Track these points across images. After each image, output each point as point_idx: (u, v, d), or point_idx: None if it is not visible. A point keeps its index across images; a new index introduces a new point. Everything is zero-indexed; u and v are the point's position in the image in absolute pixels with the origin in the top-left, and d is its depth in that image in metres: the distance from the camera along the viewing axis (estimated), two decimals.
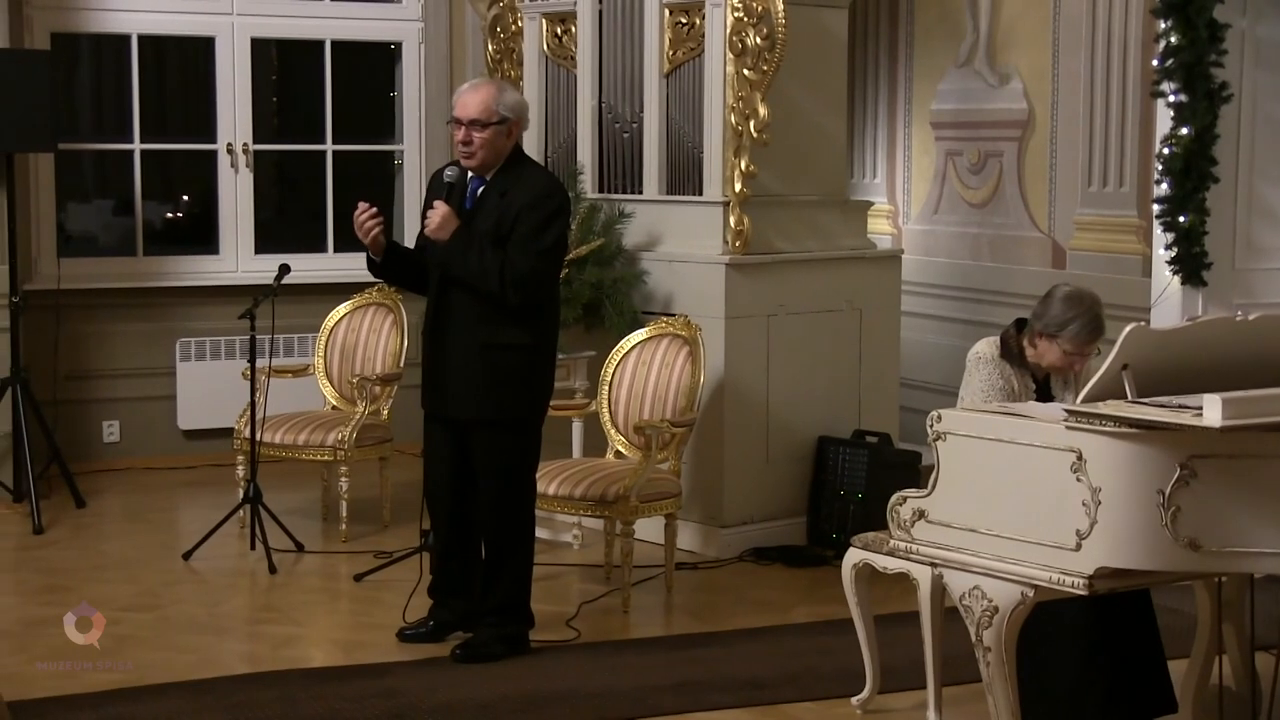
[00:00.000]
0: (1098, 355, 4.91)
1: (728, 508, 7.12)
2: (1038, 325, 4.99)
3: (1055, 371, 5.04)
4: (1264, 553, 4.03)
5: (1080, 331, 4.93)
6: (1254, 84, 6.89)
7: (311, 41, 9.28)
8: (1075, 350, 4.94)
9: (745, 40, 7.02)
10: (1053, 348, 4.96)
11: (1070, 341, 4.93)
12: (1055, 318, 4.95)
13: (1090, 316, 4.95)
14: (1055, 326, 4.94)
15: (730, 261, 7.06)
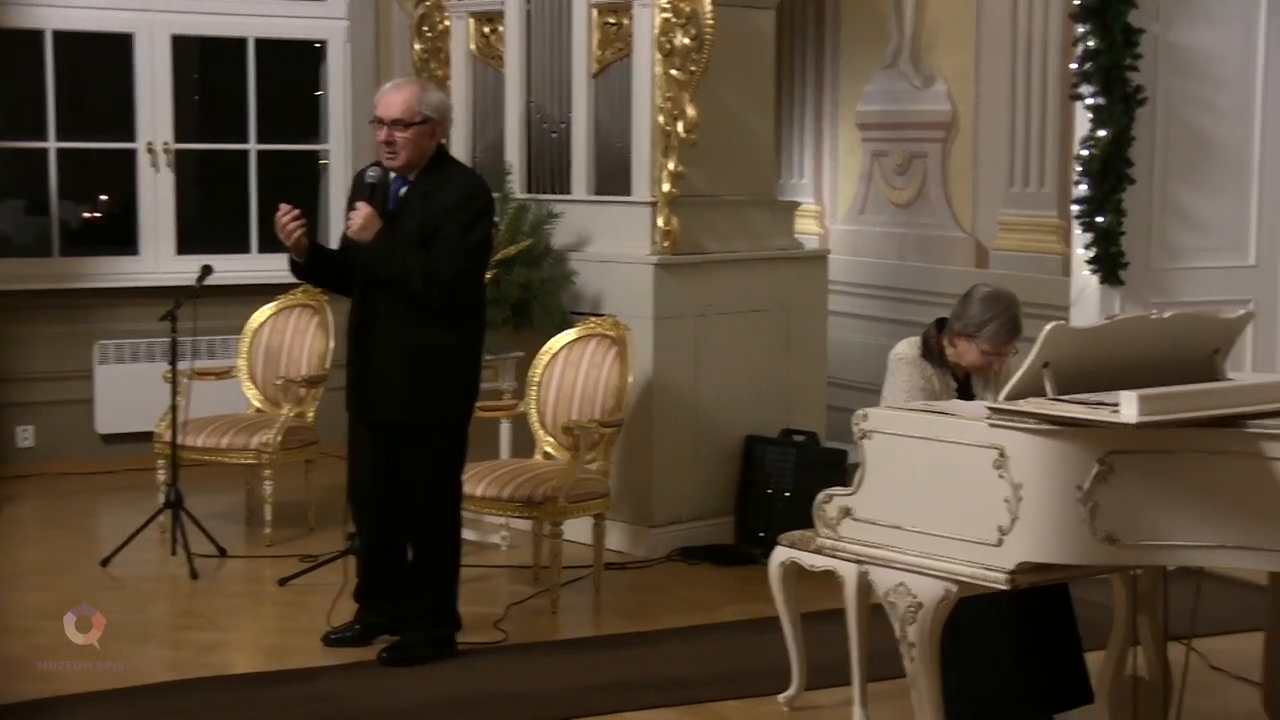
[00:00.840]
0: (1016, 354, 4.97)
1: (656, 507, 7.14)
2: (957, 325, 5.04)
3: (974, 371, 5.09)
4: (1178, 545, 4.09)
5: (998, 332, 4.98)
6: (1168, 88, 6.98)
7: (234, 39, 9.22)
8: (993, 350, 5.00)
9: (673, 41, 7.05)
10: (971, 347, 5.02)
11: (988, 341, 4.99)
12: (974, 318, 5.00)
13: (1008, 317, 5.00)
14: (974, 326, 5.00)
15: (658, 262, 7.08)
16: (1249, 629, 5.45)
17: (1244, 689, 5.26)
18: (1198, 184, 7.08)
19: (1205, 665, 5.36)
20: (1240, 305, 5.78)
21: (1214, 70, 7.04)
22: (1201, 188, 7.09)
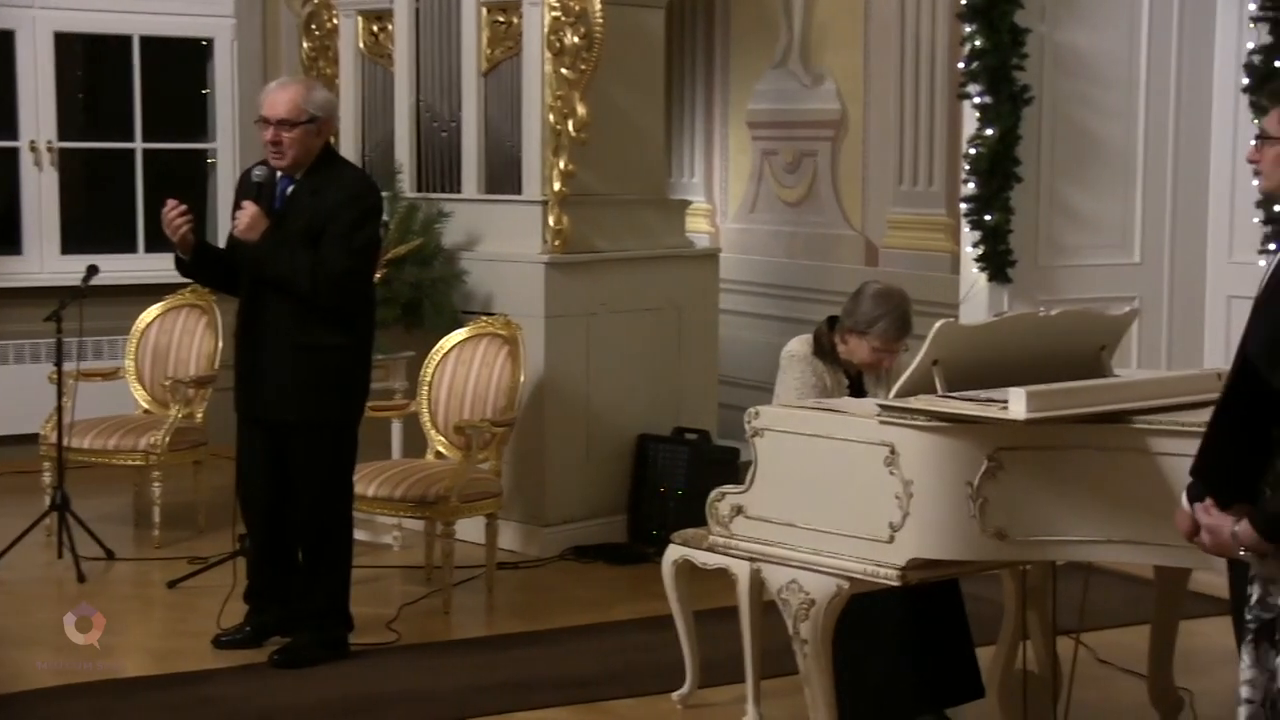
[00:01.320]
0: (906, 351, 5.01)
1: (549, 507, 7.13)
2: (848, 322, 5.08)
3: (865, 368, 5.12)
4: (1067, 541, 4.14)
5: (889, 328, 5.02)
6: (1054, 87, 7.07)
7: (119, 37, 9.08)
8: (884, 347, 5.04)
9: (563, 39, 7.04)
10: (862, 344, 5.05)
11: (879, 338, 5.02)
12: (865, 315, 5.04)
13: (898, 314, 5.05)
14: (865, 323, 5.03)
15: (550, 261, 7.07)
16: (1136, 622, 5.53)
17: (1131, 681, 5.33)
18: (1084, 182, 7.18)
19: (1093, 659, 5.43)
20: (1125, 302, 5.87)
21: (1098, 70, 7.14)
22: (1087, 186, 7.19)
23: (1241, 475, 3.02)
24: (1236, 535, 2.98)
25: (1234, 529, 2.99)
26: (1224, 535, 3.01)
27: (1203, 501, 3.10)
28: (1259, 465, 3.02)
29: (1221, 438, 3.01)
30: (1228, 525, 3.00)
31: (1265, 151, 3.56)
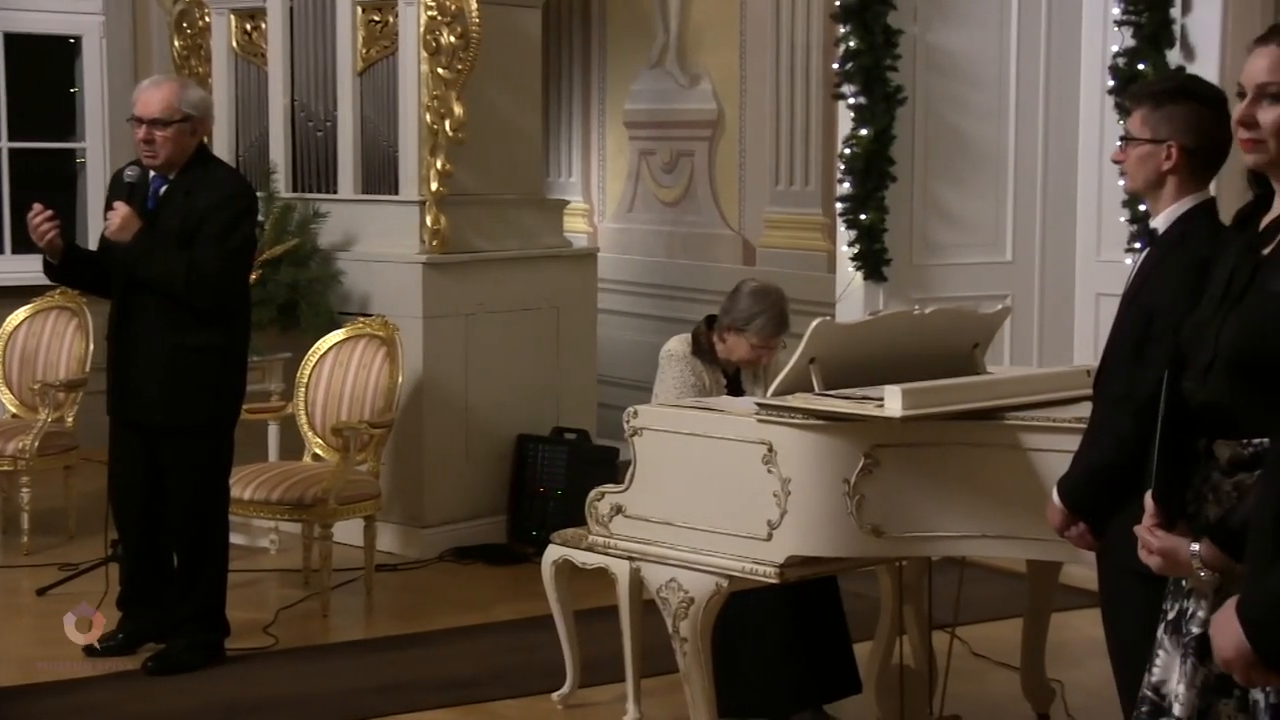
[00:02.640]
0: (784, 348, 5.05)
1: (428, 508, 7.10)
2: (726, 320, 5.12)
3: (744, 365, 5.16)
4: (942, 536, 4.19)
5: (766, 325, 5.07)
6: (927, 88, 7.16)
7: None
8: (762, 344, 5.08)
9: (439, 39, 7.01)
10: (741, 341, 5.09)
11: (757, 335, 5.07)
12: (742, 312, 5.08)
13: (776, 311, 5.10)
14: (743, 321, 5.07)
15: (427, 261, 7.04)
16: (1009, 616, 5.61)
17: (1005, 674, 5.41)
18: (956, 182, 7.27)
19: (968, 652, 5.50)
20: (998, 300, 5.96)
21: (970, 71, 7.24)
22: (960, 185, 7.28)
23: (1180, 491, 3.00)
24: (1199, 555, 2.92)
25: (1193, 549, 2.93)
26: (1181, 556, 2.94)
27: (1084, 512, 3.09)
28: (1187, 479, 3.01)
29: (1166, 454, 2.96)
30: (1184, 546, 2.94)
31: (1129, 152, 3.62)
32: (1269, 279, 2.89)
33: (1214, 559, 2.88)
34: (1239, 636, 2.30)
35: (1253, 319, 2.88)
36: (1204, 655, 2.95)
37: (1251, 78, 2.90)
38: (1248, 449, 2.90)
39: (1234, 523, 2.89)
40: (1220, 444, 2.93)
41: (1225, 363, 2.91)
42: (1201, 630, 2.96)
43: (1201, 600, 2.97)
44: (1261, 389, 2.87)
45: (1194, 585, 2.97)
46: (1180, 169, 3.51)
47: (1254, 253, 2.96)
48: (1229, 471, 2.92)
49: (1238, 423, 2.91)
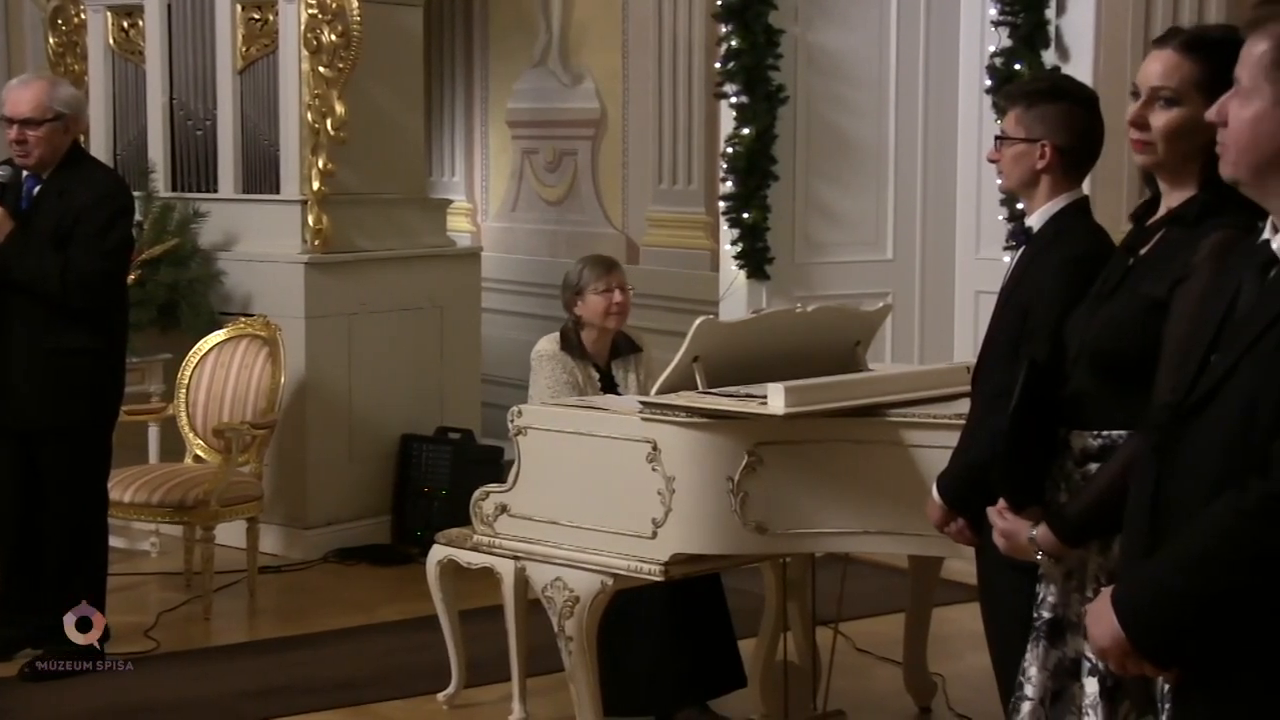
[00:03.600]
0: (633, 290, 5.27)
1: (311, 509, 7.05)
2: (568, 295, 5.26)
3: (611, 321, 5.21)
4: (825, 533, 4.23)
5: (594, 267, 5.25)
6: (808, 87, 7.21)
7: None
8: (605, 285, 5.21)
9: (320, 37, 6.97)
10: (589, 299, 5.19)
11: (594, 280, 5.21)
12: (573, 276, 5.28)
13: (597, 256, 5.41)
14: (576, 279, 5.25)
15: (310, 260, 6.99)
16: (892, 611, 5.67)
17: (888, 669, 5.47)
18: (838, 180, 7.33)
19: (851, 648, 5.56)
20: (879, 298, 6.00)
21: (850, 70, 7.30)
22: (841, 184, 7.34)
23: (1032, 477, 3.08)
24: (1035, 540, 3.02)
25: (1032, 534, 3.03)
26: (1021, 539, 3.04)
27: (965, 507, 3.15)
28: (1047, 467, 3.08)
29: (1013, 439, 3.06)
30: (1025, 530, 3.03)
31: (1004, 151, 3.68)
32: (1140, 279, 2.96)
33: (1049, 544, 2.99)
34: (1114, 626, 2.36)
35: (1118, 317, 2.97)
36: (1055, 639, 3.04)
37: (1146, 80, 2.97)
38: (1098, 440, 2.99)
39: (1071, 511, 2.98)
40: (1075, 434, 3.02)
41: (1088, 357, 3.00)
42: (1051, 615, 3.05)
43: (1051, 585, 3.06)
44: (1118, 384, 2.96)
45: (1044, 571, 3.06)
46: (1054, 168, 3.57)
47: (1131, 252, 3.03)
48: (1080, 462, 3.02)
49: (1092, 415, 3.00)
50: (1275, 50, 2.28)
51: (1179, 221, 2.96)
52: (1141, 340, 2.89)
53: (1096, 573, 2.99)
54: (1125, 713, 2.95)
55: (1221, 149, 2.37)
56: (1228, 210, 2.90)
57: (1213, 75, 2.89)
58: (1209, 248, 2.87)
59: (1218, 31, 3.05)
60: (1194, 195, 2.95)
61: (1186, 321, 2.84)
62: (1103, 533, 2.96)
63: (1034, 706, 3.07)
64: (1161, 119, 2.94)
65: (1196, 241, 2.88)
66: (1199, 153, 2.92)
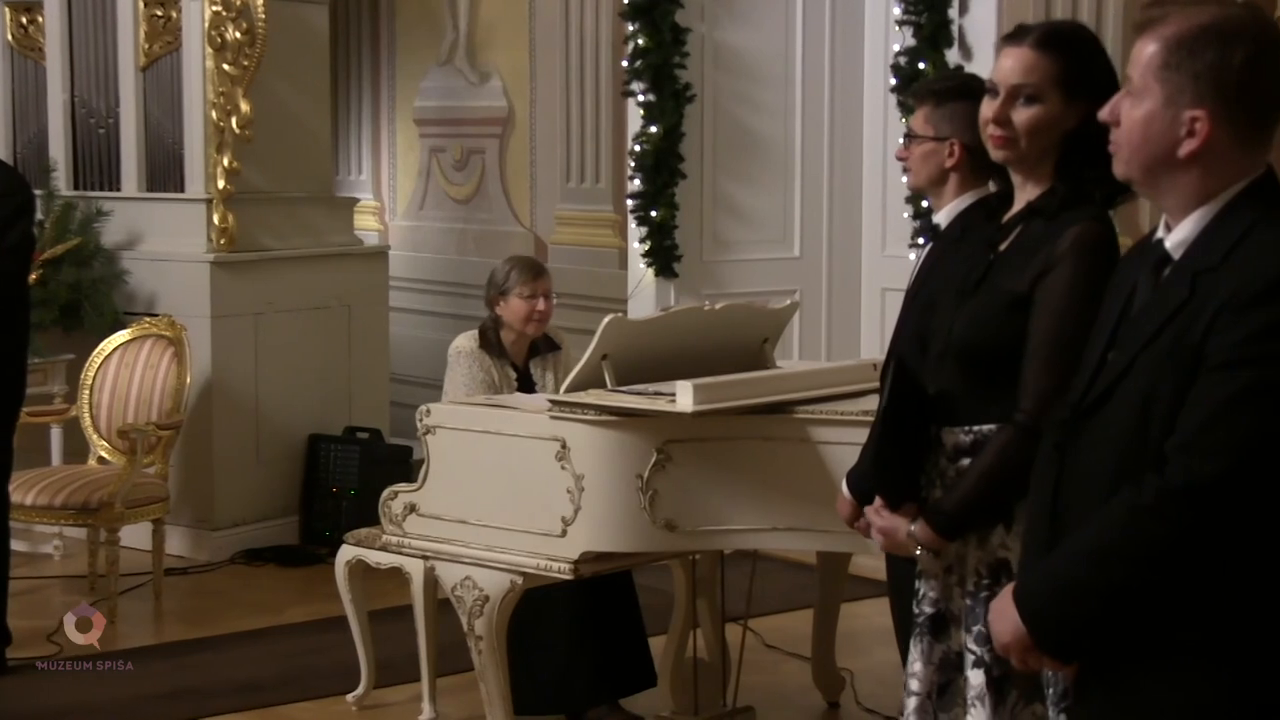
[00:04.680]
0: (556, 300, 5.27)
1: (218, 510, 6.99)
2: (492, 293, 5.26)
3: (530, 327, 5.20)
4: (734, 530, 4.25)
5: (523, 271, 5.25)
6: (714, 85, 7.24)
7: None
8: (530, 291, 5.20)
9: (225, 35, 6.90)
10: (512, 302, 5.19)
11: (520, 284, 5.20)
12: (499, 275, 5.27)
13: (526, 259, 5.43)
14: (502, 279, 5.24)
15: (215, 260, 6.93)
16: (800, 607, 5.70)
17: (796, 664, 5.50)
18: (745, 178, 7.37)
19: (761, 644, 5.58)
20: (787, 295, 6.04)
21: (756, 69, 7.34)
22: (748, 182, 7.38)
23: (907, 475, 3.12)
24: (913, 535, 3.07)
25: (910, 529, 3.08)
26: (899, 536, 3.09)
27: (870, 503, 3.19)
28: (920, 464, 3.12)
29: (886, 439, 3.10)
30: (902, 526, 3.08)
31: (913, 149, 3.72)
32: (1001, 275, 3.01)
33: (927, 539, 3.04)
34: (1016, 622, 2.38)
35: (980, 313, 3.02)
36: (938, 633, 3.09)
37: (1005, 78, 3.01)
38: (969, 436, 3.04)
39: (946, 505, 3.03)
40: (946, 431, 3.07)
41: (953, 353, 3.04)
42: (934, 609, 3.10)
43: (931, 580, 3.10)
44: (984, 379, 3.01)
45: (924, 567, 3.10)
46: (962, 166, 3.62)
47: (991, 248, 3.08)
48: (952, 458, 3.06)
49: (961, 411, 3.04)
50: (1165, 51, 2.32)
51: (1037, 215, 3.01)
52: (1005, 335, 2.95)
53: (976, 565, 3.04)
54: (1013, 702, 3.00)
55: (1114, 149, 2.40)
56: (1084, 202, 2.96)
57: (1068, 71, 2.97)
58: (1070, 240, 2.92)
59: (1067, 27, 3.13)
60: (1051, 188, 3.01)
61: (1054, 315, 2.90)
62: (979, 526, 3.02)
63: (921, 701, 3.11)
64: (1024, 115, 2.99)
65: (1056, 234, 2.94)
66: (1054, 148, 2.99)
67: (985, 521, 3.02)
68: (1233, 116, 2.30)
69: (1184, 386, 2.25)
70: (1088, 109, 2.92)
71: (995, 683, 2.98)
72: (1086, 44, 3.05)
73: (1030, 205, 3.04)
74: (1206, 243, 2.32)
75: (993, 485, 2.98)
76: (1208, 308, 2.25)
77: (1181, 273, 2.32)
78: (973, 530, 3.03)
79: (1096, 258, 2.92)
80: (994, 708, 2.98)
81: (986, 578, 3.02)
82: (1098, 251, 2.93)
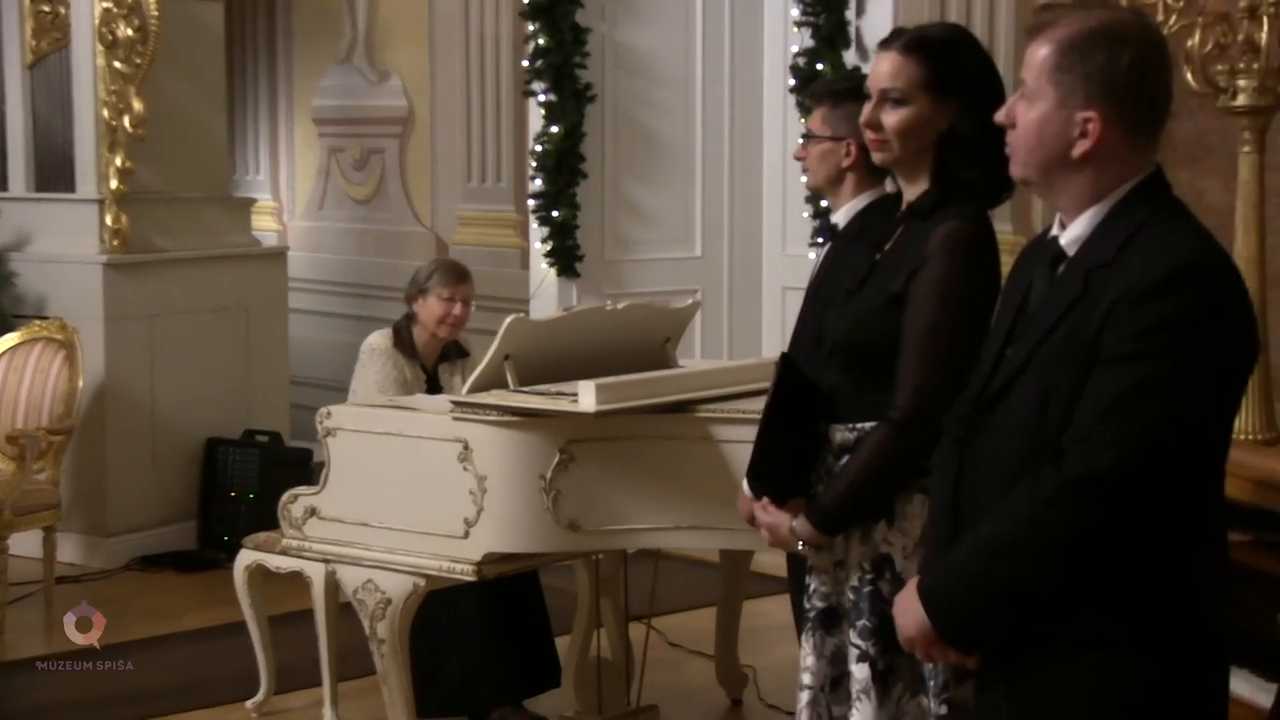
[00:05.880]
0: (474, 304, 5.20)
1: (112, 516, 6.89)
2: (412, 290, 5.22)
3: (446, 330, 5.17)
4: (638, 529, 4.24)
5: (446, 273, 5.20)
6: (615, 85, 7.24)
7: None
8: (450, 294, 5.16)
9: (116, 32, 6.81)
10: (430, 302, 5.15)
11: (439, 284, 5.16)
12: (421, 275, 5.22)
13: (452, 262, 5.37)
14: (424, 279, 5.19)
15: (108, 261, 6.83)
16: (703, 605, 5.71)
17: (700, 662, 5.50)
18: (646, 178, 7.37)
19: (664, 642, 5.58)
20: (688, 295, 6.04)
21: (657, 69, 7.34)
22: (650, 182, 7.38)
23: (793, 472, 3.15)
24: (795, 531, 3.10)
25: (792, 525, 3.11)
26: (782, 532, 3.13)
27: (760, 499, 3.21)
28: (809, 460, 3.15)
29: (771, 436, 3.14)
30: (785, 522, 3.12)
31: (810, 149, 3.74)
32: (882, 274, 3.05)
33: (808, 534, 3.08)
34: (920, 615, 2.40)
35: (863, 312, 3.07)
36: (830, 627, 3.12)
37: (875, 82, 3.08)
38: (853, 433, 3.07)
39: (825, 501, 3.07)
40: (834, 428, 3.11)
41: (838, 352, 3.09)
42: (824, 604, 3.13)
43: (822, 575, 3.13)
44: (866, 377, 3.05)
45: (814, 562, 3.14)
46: (859, 166, 3.64)
47: (878, 248, 3.12)
48: (838, 455, 3.11)
49: (845, 408, 3.08)
50: (1056, 54, 2.36)
51: (914, 215, 3.06)
52: (884, 333, 3.01)
53: (859, 560, 3.07)
54: (898, 695, 3.03)
55: (1010, 150, 2.44)
56: (958, 202, 3.00)
57: (936, 74, 3.02)
58: (939, 239, 2.97)
59: (937, 31, 3.17)
60: (927, 189, 3.05)
61: (924, 312, 2.94)
62: (858, 521, 3.06)
63: (814, 695, 3.13)
64: (893, 118, 3.04)
65: (929, 233, 2.98)
66: (930, 148, 3.04)
67: (865, 517, 3.06)
68: (1123, 117, 2.35)
69: (1080, 381, 2.29)
70: (960, 110, 2.97)
71: (880, 676, 3.02)
72: (957, 46, 3.09)
73: (909, 206, 3.09)
74: (1099, 240, 2.36)
75: (869, 481, 3.02)
76: (1102, 304, 2.29)
77: (1076, 270, 2.37)
78: (853, 525, 3.07)
79: (968, 256, 2.97)
80: (879, 701, 3.02)
81: (870, 572, 3.07)
82: (969, 250, 2.98)
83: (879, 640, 3.00)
